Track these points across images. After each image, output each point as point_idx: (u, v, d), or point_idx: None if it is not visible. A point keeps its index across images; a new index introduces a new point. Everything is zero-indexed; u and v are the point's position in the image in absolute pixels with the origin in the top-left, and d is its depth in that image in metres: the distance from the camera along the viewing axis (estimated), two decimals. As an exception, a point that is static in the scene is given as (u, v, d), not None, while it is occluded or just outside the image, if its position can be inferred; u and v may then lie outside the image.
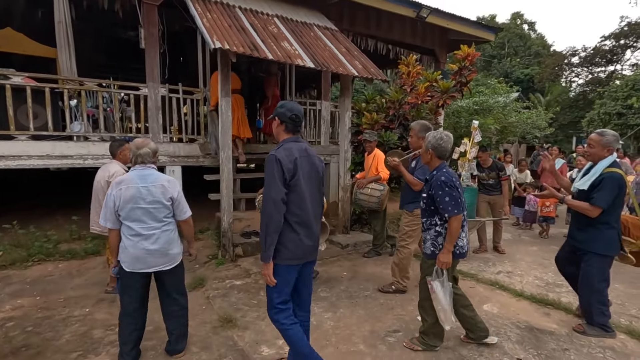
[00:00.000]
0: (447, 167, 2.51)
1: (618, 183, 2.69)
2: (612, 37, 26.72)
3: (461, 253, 2.53)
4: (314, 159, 2.22)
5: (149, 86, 5.09)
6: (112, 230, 2.37)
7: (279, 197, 2.00)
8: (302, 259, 2.16)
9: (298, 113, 2.16)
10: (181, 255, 2.51)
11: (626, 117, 18.38)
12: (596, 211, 2.73)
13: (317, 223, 2.26)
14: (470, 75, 5.08)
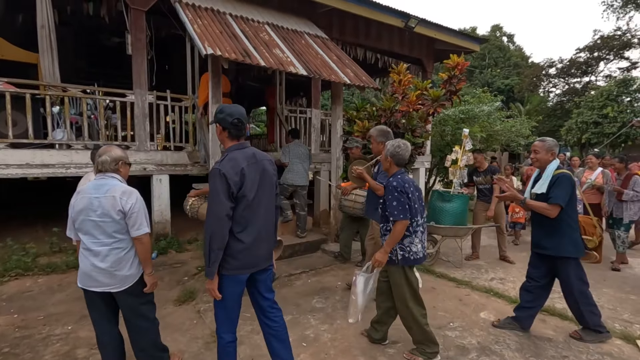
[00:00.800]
0: (403, 174, 2.59)
1: (570, 182, 2.80)
2: (586, 49, 27.90)
3: (415, 259, 2.53)
4: (265, 163, 2.13)
5: (136, 93, 4.96)
6: (78, 242, 2.19)
7: (223, 213, 1.91)
8: (253, 268, 2.09)
9: (240, 117, 2.04)
10: (137, 278, 2.18)
11: (602, 126, 19.11)
12: (555, 209, 2.79)
13: (270, 230, 2.18)
14: (460, 84, 5.14)
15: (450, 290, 4.02)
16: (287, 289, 4.01)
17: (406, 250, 2.52)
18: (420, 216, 2.55)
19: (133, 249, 2.19)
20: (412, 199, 2.47)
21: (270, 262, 2.25)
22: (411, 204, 2.46)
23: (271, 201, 2.18)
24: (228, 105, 2.13)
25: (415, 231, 2.51)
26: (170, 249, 5.14)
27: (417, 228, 2.51)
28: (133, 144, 5.14)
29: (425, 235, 2.62)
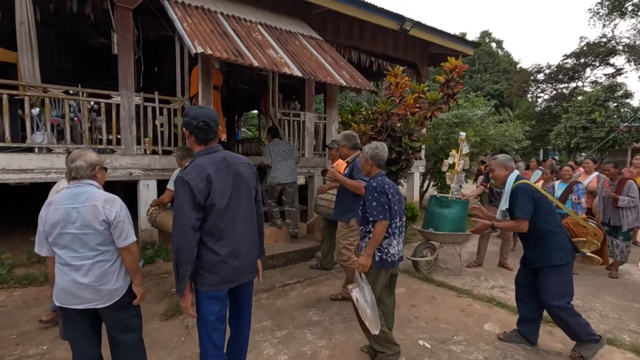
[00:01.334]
0: (383, 176, 2.61)
1: (525, 191, 2.71)
2: (573, 56, 28.44)
3: (392, 261, 2.52)
4: (238, 166, 1.97)
5: (122, 94, 4.73)
6: (49, 257, 1.97)
7: (188, 224, 1.77)
8: (230, 283, 1.94)
9: (206, 119, 1.87)
10: (124, 291, 2.01)
11: (591, 131, 19.40)
12: (522, 223, 2.70)
13: (250, 239, 2.03)
14: (457, 87, 5.05)
15: (451, 300, 3.88)
16: (282, 300, 3.82)
17: (384, 252, 2.50)
18: (399, 218, 2.56)
19: (119, 260, 2.01)
20: (392, 200, 2.48)
21: (254, 275, 2.11)
22: (391, 205, 2.46)
23: (249, 207, 2.03)
24: (195, 107, 1.99)
25: (393, 233, 2.51)
26: (158, 258, 4.90)
27: (395, 230, 2.52)
28: (119, 147, 4.90)
29: (401, 237, 2.61)
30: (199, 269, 1.87)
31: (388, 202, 2.44)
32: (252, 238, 2.05)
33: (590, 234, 2.87)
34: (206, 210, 1.83)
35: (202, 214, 1.82)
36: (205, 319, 1.94)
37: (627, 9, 25.38)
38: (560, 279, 2.73)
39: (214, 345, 1.98)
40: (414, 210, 6.30)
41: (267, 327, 3.22)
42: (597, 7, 26.99)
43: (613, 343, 3.02)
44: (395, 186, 2.62)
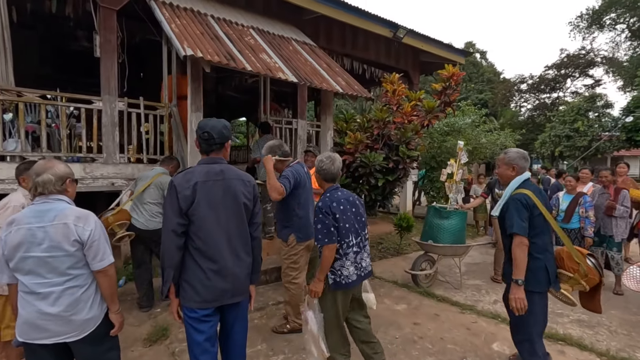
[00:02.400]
0: (333, 190, 2.37)
1: (521, 203, 2.31)
2: (554, 67, 29.32)
3: (347, 283, 2.27)
4: (233, 182, 1.91)
5: (104, 99, 4.45)
6: (10, 285, 1.72)
7: (171, 227, 1.78)
8: (212, 302, 1.85)
9: (210, 130, 1.88)
10: (99, 320, 1.77)
11: (574, 140, 19.89)
12: (518, 240, 2.29)
13: (236, 259, 1.91)
14: (454, 95, 4.96)
15: (455, 317, 3.69)
16: (276, 320, 3.56)
17: (337, 275, 2.27)
18: (354, 236, 2.31)
19: (93, 285, 1.76)
20: (340, 219, 2.24)
21: (241, 297, 1.97)
22: (339, 224, 2.24)
23: (240, 226, 1.93)
24: (207, 119, 1.98)
25: (346, 253, 2.28)
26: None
27: (348, 250, 2.28)
28: (100, 156, 4.59)
29: (361, 255, 2.36)
30: (182, 281, 1.85)
31: (335, 222, 2.22)
32: (241, 257, 1.93)
33: (580, 274, 2.34)
34: (190, 219, 1.81)
35: (186, 221, 1.81)
36: (190, 338, 1.89)
37: (605, 23, 26.38)
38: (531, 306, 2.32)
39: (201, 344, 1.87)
40: (409, 221, 6.14)
41: (262, 352, 2.96)
42: (577, 20, 28.00)
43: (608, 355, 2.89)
44: (351, 199, 2.37)
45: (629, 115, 18.03)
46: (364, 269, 2.38)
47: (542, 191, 2.45)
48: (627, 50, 27.03)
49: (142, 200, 3.63)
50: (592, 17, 26.86)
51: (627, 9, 24.93)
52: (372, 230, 7.12)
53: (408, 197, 8.54)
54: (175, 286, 1.88)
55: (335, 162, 2.40)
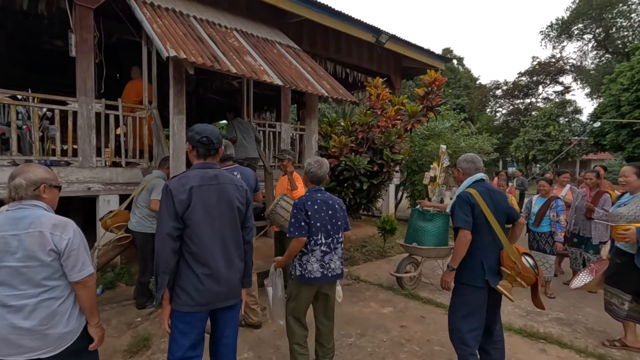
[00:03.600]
0: (314, 192, 2.54)
1: (463, 200, 2.44)
2: (527, 74, 30.50)
3: (309, 278, 2.43)
4: (227, 187, 1.94)
5: (80, 100, 4.28)
6: None
7: (165, 231, 1.78)
8: (205, 306, 1.86)
9: (209, 135, 1.91)
10: (77, 334, 1.68)
11: (546, 144, 20.71)
12: (461, 233, 2.41)
13: (232, 264, 1.93)
14: (436, 99, 5.05)
15: (440, 318, 3.73)
16: (263, 327, 3.49)
17: (303, 268, 2.45)
18: (324, 236, 2.45)
19: (71, 298, 1.66)
20: (311, 217, 2.41)
21: (234, 301, 1.98)
22: (310, 221, 2.40)
23: (233, 230, 1.95)
24: (199, 124, 2.00)
25: (312, 250, 2.43)
26: (119, 282, 4.40)
27: (315, 247, 2.43)
28: (75, 159, 4.40)
29: (330, 256, 2.48)
30: (176, 286, 1.84)
31: (307, 219, 2.39)
32: (233, 261, 1.94)
33: (516, 271, 2.39)
34: (185, 224, 1.81)
35: (181, 225, 1.80)
36: (176, 344, 1.86)
37: (573, 32, 27.69)
38: (459, 298, 2.50)
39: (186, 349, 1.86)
40: (393, 223, 6.19)
41: (249, 360, 2.89)
42: (547, 29, 29.26)
43: (605, 359, 2.99)
44: (330, 202, 2.50)
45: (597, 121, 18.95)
46: (333, 270, 2.47)
47: (492, 192, 2.51)
48: (593, 59, 28.49)
49: (136, 203, 3.72)
50: (562, 27, 28.16)
51: (593, 20, 26.28)
52: (356, 233, 7.15)
53: (391, 200, 8.63)
54: (169, 292, 1.85)
55: (323, 167, 2.55)
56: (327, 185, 5.10)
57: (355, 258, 5.82)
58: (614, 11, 24.83)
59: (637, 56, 17.65)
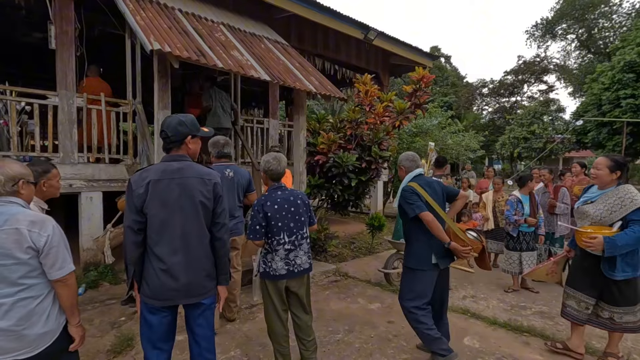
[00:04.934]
0: (272, 190, 2.50)
1: (407, 192, 2.70)
2: (512, 72, 30.99)
3: (274, 275, 2.45)
4: (190, 180, 1.88)
5: (61, 94, 4.15)
6: None
7: (127, 224, 1.84)
8: (163, 301, 1.86)
9: (165, 129, 1.90)
10: (56, 334, 1.63)
11: (530, 141, 21.12)
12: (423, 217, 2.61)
13: (189, 259, 1.89)
14: (424, 96, 5.07)
15: (427, 313, 3.77)
16: (250, 324, 3.47)
17: (267, 265, 2.47)
18: (288, 234, 2.44)
19: (50, 296, 1.61)
20: (271, 217, 2.40)
21: (198, 299, 1.94)
22: (269, 222, 2.41)
23: (195, 228, 1.89)
24: (168, 116, 2.00)
25: (275, 250, 2.43)
26: (103, 281, 4.31)
27: (277, 247, 2.43)
28: (56, 155, 4.28)
29: (295, 252, 2.48)
30: (142, 277, 1.89)
31: (264, 220, 2.39)
32: (195, 258, 1.90)
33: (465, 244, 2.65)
34: (146, 217, 1.83)
35: (143, 218, 1.83)
36: (142, 333, 1.93)
37: (557, 32, 28.25)
38: (409, 282, 2.76)
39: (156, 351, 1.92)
40: (381, 220, 6.21)
41: (236, 358, 2.87)
42: (532, 29, 29.76)
43: (586, 351, 3.06)
44: (292, 199, 2.48)
45: (579, 119, 19.42)
46: (299, 266, 2.48)
47: (429, 182, 2.79)
48: (576, 58, 29.14)
49: None
50: (546, 26, 28.69)
51: (576, 20, 26.85)
52: (344, 230, 7.16)
53: (379, 197, 8.67)
54: (138, 283, 1.90)
55: (282, 163, 2.52)
56: (316, 182, 5.08)
57: (344, 255, 5.83)
58: (596, 12, 25.42)
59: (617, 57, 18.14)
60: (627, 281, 2.58)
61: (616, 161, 2.57)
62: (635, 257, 2.55)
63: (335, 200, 5.26)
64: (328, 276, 4.88)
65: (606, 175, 2.57)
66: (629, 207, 2.45)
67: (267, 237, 2.43)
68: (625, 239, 2.43)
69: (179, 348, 2.53)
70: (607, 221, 2.55)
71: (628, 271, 2.55)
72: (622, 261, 2.55)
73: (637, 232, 2.41)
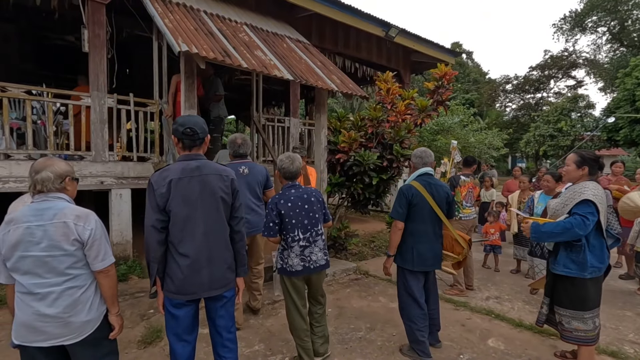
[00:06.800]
0: (286, 189, 2.57)
1: (402, 193, 2.74)
2: (538, 68, 29.91)
3: (291, 272, 2.55)
4: (209, 177, 1.95)
5: (93, 95, 4.33)
6: (8, 286, 1.68)
7: (149, 223, 1.87)
8: (190, 295, 1.92)
9: (193, 126, 1.93)
10: (98, 322, 1.73)
11: (557, 139, 20.38)
12: (396, 224, 2.77)
13: (215, 254, 1.97)
14: (446, 93, 5.00)
15: (449, 314, 3.73)
16: (272, 319, 3.53)
17: (285, 262, 2.57)
18: (302, 231, 2.52)
19: (92, 286, 1.73)
20: (285, 215, 2.48)
21: (220, 291, 2.01)
22: (283, 219, 2.49)
23: (216, 221, 1.98)
24: (182, 116, 2.05)
25: (291, 246, 2.52)
26: (132, 275, 4.48)
27: (292, 244, 2.52)
28: (88, 153, 4.47)
29: (311, 249, 2.55)
30: (165, 273, 1.93)
31: (278, 217, 2.48)
32: (217, 251, 1.98)
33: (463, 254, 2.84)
34: (169, 216, 1.88)
35: (165, 217, 1.88)
36: (167, 326, 2.00)
37: (587, 25, 27.06)
38: (400, 280, 2.87)
39: (174, 356, 2.00)
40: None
41: (260, 353, 2.93)
42: (560, 22, 28.61)
43: (617, 356, 2.97)
44: (306, 197, 2.55)
45: (610, 116, 18.58)
46: (314, 262, 2.55)
47: (433, 185, 2.80)
48: (607, 52, 27.82)
49: None
50: (575, 19, 27.51)
51: (607, 12, 25.63)
52: (363, 228, 7.15)
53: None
54: (161, 279, 1.96)
55: (295, 162, 2.59)
56: (336, 181, 5.10)
57: (364, 253, 5.82)
58: (630, 3, 24.19)
59: (653, 49, 17.17)
60: (572, 281, 2.43)
61: (582, 157, 2.50)
62: (581, 255, 2.38)
63: (356, 198, 5.26)
64: (349, 274, 4.90)
65: (573, 171, 2.53)
66: (575, 200, 2.39)
67: (283, 234, 2.53)
68: (550, 227, 2.40)
69: (205, 340, 2.61)
70: (560, 214, 2.49)
71: (572, 268, 2.41)
72: (567, 257, 2.44)
73: (567, 223, 2.32)
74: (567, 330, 2.52)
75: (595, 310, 2.49)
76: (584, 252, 2.38)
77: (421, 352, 2.78)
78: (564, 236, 2.36)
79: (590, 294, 2.44)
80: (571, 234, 2.31)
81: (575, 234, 2.30)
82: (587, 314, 2.46)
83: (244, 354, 2.88)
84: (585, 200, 2.34)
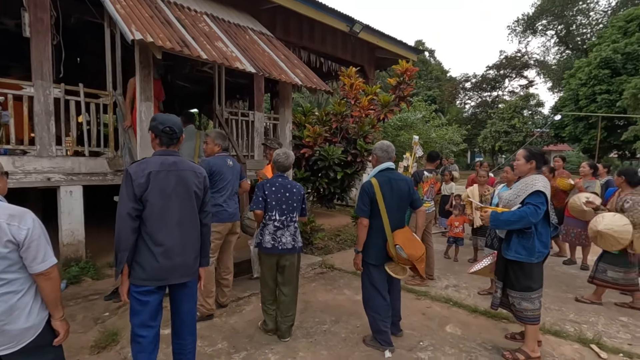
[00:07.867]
0: (275, 177, 2.98)
1: (364, 189, 2.82)
2: (494, 67, 31.51)
3: (264, 247, 2.90)
4: (185, 173, 2.10)
5: (37, 85, 4.00)
6: None
7: (125, 211, 1.94)
8: (159, 281, 2.03)
9: (172, 125, 2.08)
10: (39, 329, 1.61)
11: (511, 135, 21.65)
12: (361, 221, 2.85)
13: (187, 245, 2.11)
14: (408, 89, 5.12)
15: (412, 303, 3.86)
16: (237, 317, 3.47)
17: (261, 238, 2.92)
18: (279, 213, 2.89)
19: (31, 291, 1.59)
20: (268, 196, 2.88)
21: (188, 278, 2.15)
22: (267, 199, 2.88)
23: (189, 212, 2.12)
24: (160, 114, 2.16)
25: (266, 224, 2.91)
26: (85, 277, 4.22)
27: (269, 222, 2.90)
28: (32, 148, 4.14)
29: (282, 232, 2.90)
30: (134, 262, 2.00)
31: (264, 196, 2.88)
32: (189, 241, 2.12)
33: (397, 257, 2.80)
34: (144, 205, 1.97)
35: (140, 206, 1.97)
36: (132, 312, 2.05)
37: (537, 28, 28.83)
38: (364, 274, 2.97)
39: (139, 344, 2.06)
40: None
41: (223, 351, 2.88)
42: (514, 24, 30.27)
43: (560, 335, 3.21)
44: (289, 187, 2.94)
45: (557, 114, 19.97)
46: (283, 244, 2.90)
47: (393, 180, 2.85)
48: (555, 54, 29.85)
49: None
50: (527, 22, 29.23)
51: (555, 17, 27.45)
52: (329, 222, 7.20)
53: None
54: (129, 267, 2.02)
55: (289, 159, 3.01)
56: (302, 175, 5.09)
57: (330, 247, 5.87)
58: (574, 9, 26.04)
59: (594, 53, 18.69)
60: (521, 265, 2.66)
61: (531, 152, 2.76)
62: (530, 241, 2.60)
63: (321, 193, 5.29)
64: (314, 268, 4.92)
65: (522, 165, 2.74)
66: (527, 192, 2.61)
67: (265, 212, 2.89)
68: (507, 215, 2.63)
69: (164, 342, 2.52)
70: (513, 204, 2.70)
71: (522, 254, 2.63)
72: (518, 243, 2.65)
73: (522, 212, 2.55)
74: (519, 311, 2.75)
75: (540, 291, 2.75)
76: (533, 238, 2.62)
77: (383, 342, 2.87)
78: (519, 224, 2.59)
79: (535, 276, 2.71)
80: (525, 221, 2.55)
81: (529, 221, 2.55)
82: (534, 294, 2.71)
83: (206, 353, 2.82)
84: (537, 191, 2.58)
